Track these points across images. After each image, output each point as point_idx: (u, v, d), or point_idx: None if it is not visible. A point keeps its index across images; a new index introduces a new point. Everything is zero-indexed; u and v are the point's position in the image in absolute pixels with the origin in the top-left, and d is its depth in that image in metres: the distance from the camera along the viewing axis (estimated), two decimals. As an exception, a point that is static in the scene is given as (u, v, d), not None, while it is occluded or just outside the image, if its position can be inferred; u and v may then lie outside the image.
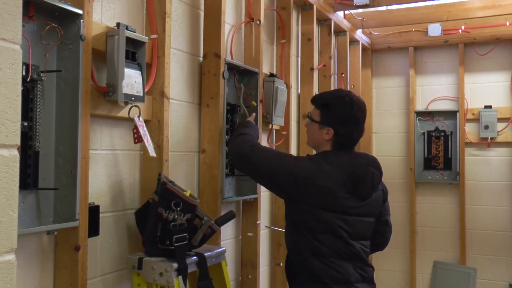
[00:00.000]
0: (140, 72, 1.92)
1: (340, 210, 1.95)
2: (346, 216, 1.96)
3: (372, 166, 2.03)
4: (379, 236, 2.17)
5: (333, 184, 1.94)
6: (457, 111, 4.54)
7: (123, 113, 1.93)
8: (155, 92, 2.07)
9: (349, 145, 2.06)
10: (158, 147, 2.06)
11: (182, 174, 2.36)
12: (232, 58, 2.64)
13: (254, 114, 2.57)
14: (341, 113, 2.03)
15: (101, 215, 1.86)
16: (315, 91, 3.58)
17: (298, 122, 3.55)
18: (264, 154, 2.06)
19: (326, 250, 1.95)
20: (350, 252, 1.97)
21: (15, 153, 0.99)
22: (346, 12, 4.20)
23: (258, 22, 2.77)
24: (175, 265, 1.87)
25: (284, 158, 2.06)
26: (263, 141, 2.94)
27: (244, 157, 2.10)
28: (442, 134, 4.61)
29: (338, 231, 1.95)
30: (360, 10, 4.19)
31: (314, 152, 2.16)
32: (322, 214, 1.94)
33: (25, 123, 1.54)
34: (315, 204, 1.95)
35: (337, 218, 1.95)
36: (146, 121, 2.03)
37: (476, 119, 4.51)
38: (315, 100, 2.15)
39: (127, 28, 1.83)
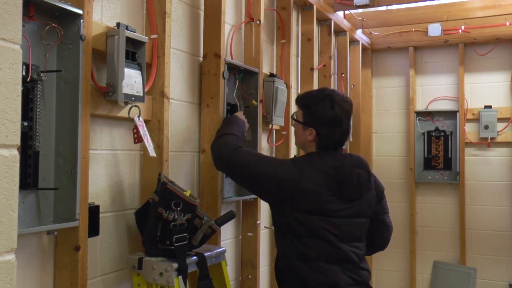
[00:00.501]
0: (140, 72, 1.92)
1: (325, 213, 1.91)
2: (332, 218, 1.92)
3: (357, 167, 1.98)
4: (378, 236, 2.13)
5: (316, 188, 1.90)
6: (457, 111, 4.54)
7: (123, 113, 1.93)
8: (155, 92, 2.07)
9: (333, 146, 2.02)
10: (158, 147, 2.06)
11: (182, 174, 2.36)
12: (232, 58, 2.64)
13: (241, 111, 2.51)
14: (321, 114, 1.99)
15: (101, 215, 1.86)
16: (315, 91, 3.58)
17: (298, 122, 3.55)
18: (247, 158, 2.02)
19: (312, 253, 1.91)
20: (338, 255, 1.92)
21: (15, 153, 0.99)
22: (346, 12, 4.20)
23: (258, 22, 2.77)
24: (175, 265, 1.87)
25: (267, 161, 2.02)
26: (263, 141, 2.94)
27: (226, 161, 2.06)
28: (442, 134, 4.61)
29: (324, 234, 1.91)
30: (360, 10, 4.18)
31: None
32: (306, 218, 1.91)
33: (25, 123, 1.54)
34: (298, 208, 1.91)
35: (322, 221, 1.91)
36: (146, 121, 2.03)
37: (476, 119, 4.51)
38: (298, 100, 2.12)
39: (127, 28, 1.83)
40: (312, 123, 2.00)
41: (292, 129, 3.30)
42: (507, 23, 4.23)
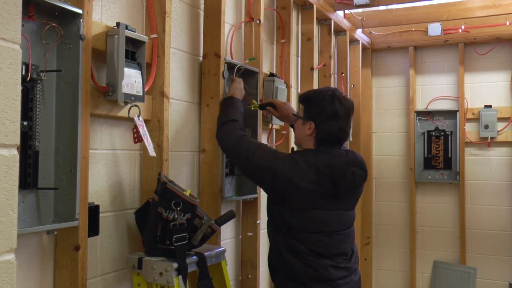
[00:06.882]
0: (140, 71, 1.92)
1: (318, 208, 1.97)
2: (324, 212, 1.97)
3: (353, 166, 2.01)
4: None
5: (310, 184, 1.94)
6: (457, 111, 4.54)
7: (123, 112, 1.93)
8: (155, 91, 2.07)
9: (330, 142, 2.03)
10: (158, 147, 2.06)
11: (182, 174, 2.36)
12: (232, 58, 2.64)
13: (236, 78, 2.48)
14: (320, 107, 2.02)
15: (101, 214, 1.86)
16: (315, 90, 3.58)
17: (298, 121, 3.55)
18: (249, 149, 2.05)
19: (303, 248, 1.95)
20: (333, 248, 1.98)
21: (15, 152, 0.99)
22: (346, 11, 4.20)
23: (258, 21, 2.77)
24: (175, 264, 1.87)
25: (267, 155, 2.03)
26: (263, 141, 2.93)
27: (231, 150, 2.13)
28: (442, 133, 4.61)
29: (317, 229, 1.97)
30: (360, 10, 4.18)
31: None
32: (300, 213, 1.96)
33: (25, 123, 1.54)
34: (293, 203, 1.97)
35: (315, 216, 1.96)
36: (146, 121, 2.03)
37: (476, 119, 4.51)
38: (300, 96, 2.18)
39: (127, 27, 1.83)
40: (312, 116, 2.04)
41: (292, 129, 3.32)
42: (507, 23, 4.23)
